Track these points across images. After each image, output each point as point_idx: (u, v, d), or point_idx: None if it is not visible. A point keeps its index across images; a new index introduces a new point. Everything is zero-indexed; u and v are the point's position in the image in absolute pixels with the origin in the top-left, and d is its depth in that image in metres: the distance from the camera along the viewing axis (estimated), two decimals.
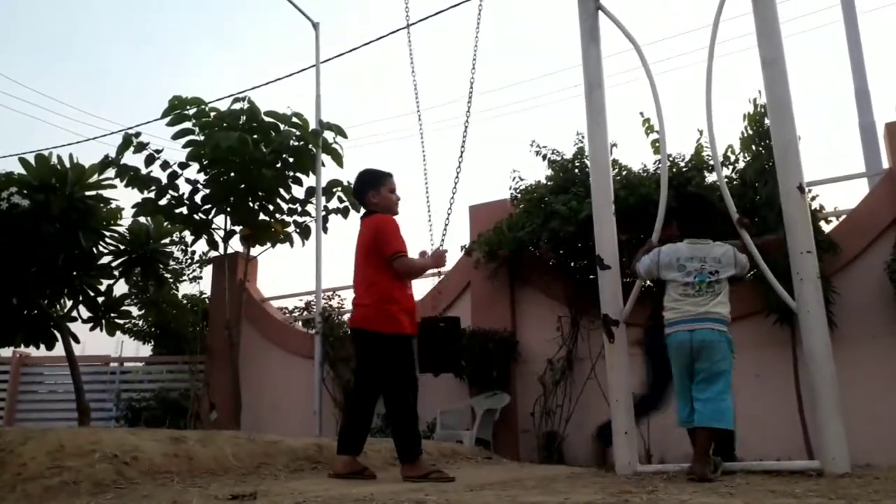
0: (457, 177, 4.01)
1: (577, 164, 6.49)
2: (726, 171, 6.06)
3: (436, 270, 5.29)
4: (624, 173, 6.22)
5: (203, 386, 8.76)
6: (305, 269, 14.25)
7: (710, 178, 6.01)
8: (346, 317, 8.31)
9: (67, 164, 7.41)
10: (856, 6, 8.70)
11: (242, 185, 7.90)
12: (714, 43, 3.80)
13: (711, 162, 5.79)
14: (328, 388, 7.75)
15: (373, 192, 3.81)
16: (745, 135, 5.84)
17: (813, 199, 5.73)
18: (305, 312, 8.95)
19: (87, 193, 7.50)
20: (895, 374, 5.24)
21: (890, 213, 5.51)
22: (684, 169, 6.10)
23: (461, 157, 4.03)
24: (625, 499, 2.38)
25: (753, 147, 5.78)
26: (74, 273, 7.75)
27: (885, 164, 6.16)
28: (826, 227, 5.79)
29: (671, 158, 6.16)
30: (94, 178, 7.60)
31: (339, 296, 8.52)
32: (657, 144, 5.78)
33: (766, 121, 4.30)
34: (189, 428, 8.08)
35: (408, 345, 3.68)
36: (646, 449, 5.75)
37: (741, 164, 6.00)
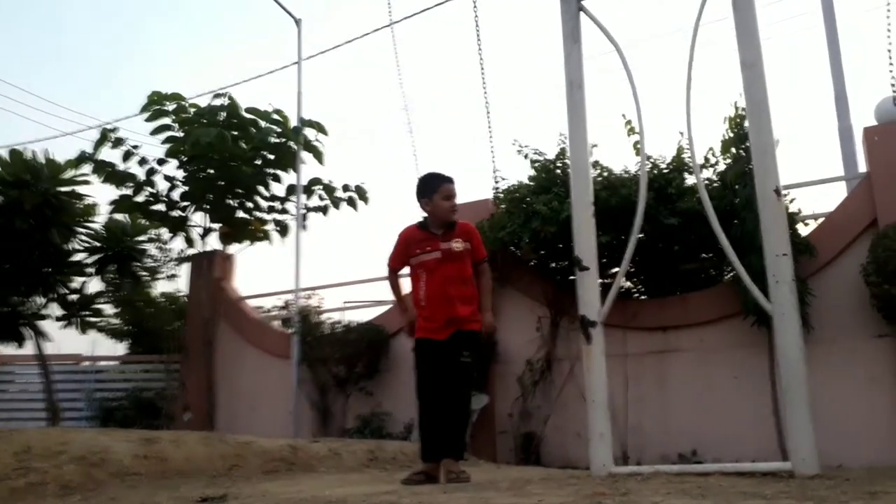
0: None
1: (559, 165, 6.48)
2: (707, 174, 6.09)
3: None
4: (605, 174, 6.22)
5: (178, 386, 8.66)
6: (284, 268, 14.16)
7: (691, 179, 6.04)
8: (325, 316, 8.26)
9: (42, 160, 7.32)
10: (835, 11, 8.79)
11: (221, 182, 7.83)
12: (694, 46, 3.80)
13: (692, 164, 5.82)
14: (305, 388, 7.68)
15: (425, 200, 3.74)
16: (726, 137, 5.87)
17: (791, 201, 5.77)
18: (283, 311, 8.88)
19: (62, 189, 7.41)
20: (870, 375, 5.29)
21: (867, 216, 5.56)
22: (665, 171, 6.11)
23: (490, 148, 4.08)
24: (598, 500, 2.36)
25: (734, 150, 5.81)
26: (47, 270, 7.64)
27: (863, 168, 6.22)
28: (804, 230, 5.83)
29: (652, 160, 6.18)
30: (70, 173, 7.51)
31: (319, 295, 8.44)
32: (639, 146, 5.79)
33: (747, 124, 4.31)
34: (163, 428, 7.98)
35: (421, 348, 3.68)
36: (623, 451, 5.76)
37: (721, 167, 6.03)
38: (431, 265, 3.67)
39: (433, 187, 3.72)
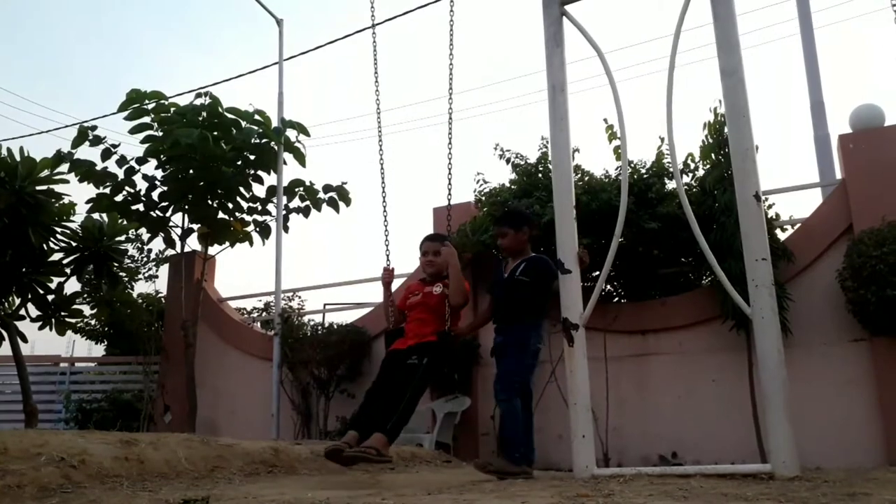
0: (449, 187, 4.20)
1: (541, 169, 6.52)
2: (686, 179, 6.16)
3: None
4: (586, 179, 6.27)
5: (157, 387, 8.56)
6: (265, 270, 14.07)
7: (671, 185, 6.11)
8: (306, 318, 8.22)
9: (17, 157, 7.17)
10: (812, 21, 8.95)
11: (201, 183, 7.75)
12: (675, 52, 3.85)
13: (672, 169, 5.89)
14: (286, 390, 7.63)
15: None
16: (706, 143, 5.94)
17: (769, 207, 5.86)
18: (264, 313, 8.82)
19: (38, 188, 7.27)
20: (846, 379, 5.38)
21: (843, 222, 5.66)
22: (645, 175, 6.18)
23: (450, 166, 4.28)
24: (581, 502, 2.38)
25: (713, 155, 5.89)
26: (23, 270, 7.50)
27: (839, 175, 6.33)
28: (782, 236, 5.93)
29: (632, 165, 6.24)
30: (46, 172, 7.37)
31: (300, 297, 8.41)
32: (619, 151, 5.84)
33: (726, 130, 4.39)
34: (142, 430, 7.89)
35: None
36: (604, 453, 5.80)
37: (701, 172, 6.10)
38: (414, 304, 4.11)
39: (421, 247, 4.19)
